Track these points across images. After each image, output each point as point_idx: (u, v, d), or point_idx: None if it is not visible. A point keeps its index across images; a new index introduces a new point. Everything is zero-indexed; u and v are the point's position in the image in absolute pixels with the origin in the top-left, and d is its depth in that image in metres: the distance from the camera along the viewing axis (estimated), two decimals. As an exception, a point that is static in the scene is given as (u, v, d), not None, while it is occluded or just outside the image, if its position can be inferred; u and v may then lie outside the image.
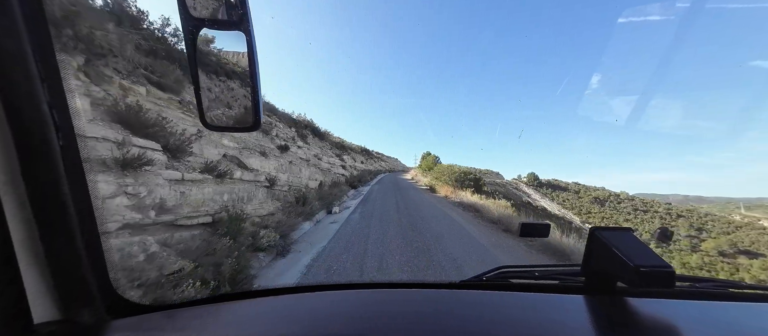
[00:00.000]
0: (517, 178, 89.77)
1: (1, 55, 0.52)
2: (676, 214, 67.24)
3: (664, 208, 71.11)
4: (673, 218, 66.18)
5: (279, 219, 5.69)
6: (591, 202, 75.53)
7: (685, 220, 64.97)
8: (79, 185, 0.65)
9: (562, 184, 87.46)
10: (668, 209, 70.41)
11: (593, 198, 76.83)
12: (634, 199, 77.17)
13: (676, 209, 70.45)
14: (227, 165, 5.37)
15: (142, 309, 0.77)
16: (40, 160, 0.58)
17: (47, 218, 0.60)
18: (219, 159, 5.33)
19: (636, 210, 70.50)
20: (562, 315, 0.75)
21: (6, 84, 0.53)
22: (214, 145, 5.36)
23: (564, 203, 72.48)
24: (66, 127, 0.62)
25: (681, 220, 65.12)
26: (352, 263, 4.41)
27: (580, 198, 78.09)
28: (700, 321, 0.74)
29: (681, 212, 68.85)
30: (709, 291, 0.93)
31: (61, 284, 0.63)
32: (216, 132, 3.02)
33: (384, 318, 0.72)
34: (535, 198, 66.79)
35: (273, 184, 7.00)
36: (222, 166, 5.02)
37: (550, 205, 65.01)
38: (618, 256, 0.75)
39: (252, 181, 5.98)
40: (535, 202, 62.28)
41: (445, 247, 5.68)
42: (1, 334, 0.55)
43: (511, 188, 66.95)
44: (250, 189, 5.85)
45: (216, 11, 0.73)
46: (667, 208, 71.15)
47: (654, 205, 73.43)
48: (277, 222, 5.44)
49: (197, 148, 4.72)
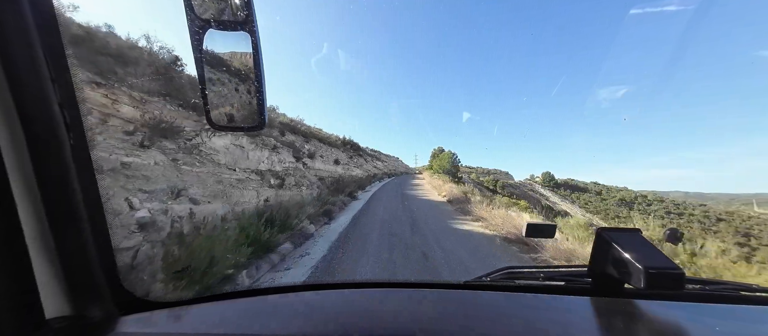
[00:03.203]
0: (530, 178, 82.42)
1: (14, 56, 0.54)
2: (716, 218, 59.41)
3: (701, 210, 63.31)
4: (713, 222, 58.52)
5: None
6: (617, 204, 68.06)
7: (728, 224, 56.97)
8: (89, 183, 0.67)
9: (581, 185, 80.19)
10: (705, 212, 62.58)
11: (619, 200, 69.25)
12: (665, 200, 69.44)
13: (715, 212, 62.51)
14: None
15: (151, 305, 0.79)
16: (52, 159, 0.60)
17: (58, 215, 0.62)
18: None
19: (669, 213, 62.98)
20: (569, 316, 0.74)
21: (18, 84, 0.55)
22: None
23: (587, 206, 65.22)
24: (76, 126, 0.64)
25: (723, 224, 57.16)
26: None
27: (603, 200, 70.58)
28: (711, 324, 0.71)
29: (720, 215, 60.94)
30: (719, 294, 0.92)
31: (71, 280, 0.65)
32: (221, 131, 3.84)
33: (388, 317, 0.72)
34: (554, 201, 59.73)
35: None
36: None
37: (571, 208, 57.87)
38: (626, 258, 0.74)
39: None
40: (556, 205, 55.07)
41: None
42: (14, 328, 0.56)
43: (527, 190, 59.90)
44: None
45: (222, 12, 0.75)
46: (704, 211, 63.29)
47: (688, 207, 65.57)
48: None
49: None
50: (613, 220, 57.31)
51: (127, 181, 4.53)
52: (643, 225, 11.21)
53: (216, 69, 0.84)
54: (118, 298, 0.73)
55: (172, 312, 0.77)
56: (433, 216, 9.31)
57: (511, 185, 57.43)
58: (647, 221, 14.69)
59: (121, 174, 4.55)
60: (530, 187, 66.59)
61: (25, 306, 0.58)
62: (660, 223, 41.17)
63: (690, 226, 57.43)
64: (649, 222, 14.40)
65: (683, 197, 77.97)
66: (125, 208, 3.88)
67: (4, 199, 0.54)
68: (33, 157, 0.57)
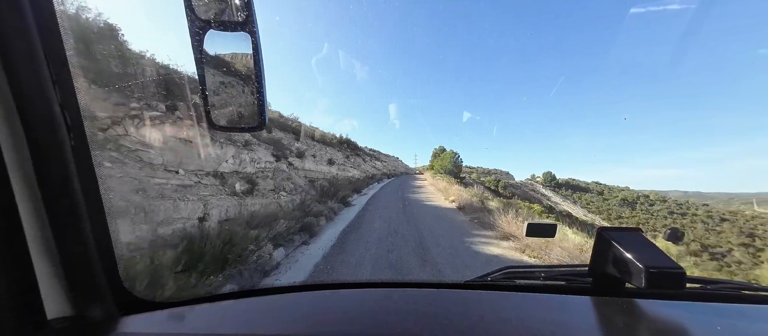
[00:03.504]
0: (531, 177, 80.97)
1: (15, 58, 0.54)
2: (720, 218, 58.28)
3: (704, 210, 62.15)
4: (717, 222, 57.39)
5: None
6: (619, 204, 66.75)
7: (732, 224, 55.92)
8: (90, 183, 0.67)
9: (582, 185, 78.92)
10: (708, 212, 61.47)
11: (621, 200, 67.89)
12: (667, 200, 68.24)
13: (718, 211, 61.38)
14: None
15: (152, 305, 0.79)
16: (53, 159, 0.60)
17: (59, 216, 0.62)
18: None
19: (672, 213, 61.71)
20: (570, 316, 0.73)
21: (19, 86, 0.55)
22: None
23: (589, 206, 63.77)
24: (77, 127, 0.64)
25: (726, 224, 56.07)
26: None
27: (605, 200, 69.22)
28: (712, 323, 0.71)
29: (724, 215, 59.89)
30: (721, 293, 0.91)
31: (72, 280, 0.65)
32: (222, 131, 4.19)
33: (389, 317, 0.72)
34: (556, 201, 58.25)
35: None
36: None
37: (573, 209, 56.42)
38: (626, 257, 0.74)
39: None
40: (557, 205, 53.57)
41: None
42: (16, 329, 0.56)
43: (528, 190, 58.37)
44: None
45: (222, 13, 0.75)
46: (707, 210, 62.16)
47: (691, 206, 64.37)
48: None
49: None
50: (616, 222, 55.88)
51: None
52: (646, 223, 10.00)
53: (216, 69, 0.83)
54: (118, 299, 0.74)
55: (173, 312, 0.77)
56: (445, 232, 6.91)
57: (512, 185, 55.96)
58: (653, 222, 13.34)
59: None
60: (532, 188, 65.16)
61: (27, 306, 0.58)
62: (662, 223, 38.90)
63: (693, 226, 56.22)
64: (655, 223, 13.08)
65: (682, 196, 76.88)
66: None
67: (5, 199, 0.54)
68: (34, 157, 0.58)
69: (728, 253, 38.22)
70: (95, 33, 5.86)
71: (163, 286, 2.66)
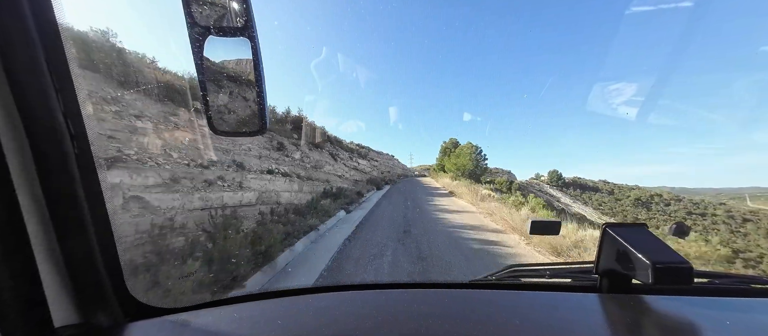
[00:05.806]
0: (536, 177, 77.06)
1: (17, 66, 0.55)
2: (742, 218, 54.32)
3: (723, 210, 58.23)
4: (740, 223, 53.39)
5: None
6: (633, 204, 62.82)
7: (755, 225, 51.96)
8: (94, 191, 0.68)
9: (590, 184, 74.78)
10: (728, 212, 57.56)
11: (634, 200, 63.91)
12: (682, 199, 64.31)
13: (738, 211, 57.47)
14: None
15: (158, 311, 0.80)
16: (57, 167, 0.61)
17: (64, 223, 0.63)
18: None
19: (690, 214, 57.87)
20: (577, 314, 0.73)
21: (22, 94, 0.55)
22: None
23: (601, 207, 59.86)
24: (80, 135, 0.65)
25: (750, 225, 52.14)
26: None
27: (617, 200, 65.27)
28: (721, 318, 0.70)
29: (745, 215, 55.96)
30: (729, 287, 0.90)
31: (78, 288, 0.66)
32: (223, 136, 4.26)
33: (394, 318, 0.73)
34: (567, 203, 54.30)
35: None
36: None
37: (585, 210, 52.45)
38: (633, 253, 0.73)
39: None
40: (569, 207, 49.52)
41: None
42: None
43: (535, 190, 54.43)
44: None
45: (221, 18, 0.76)
46: (727, 210, 58.27)
47: (709, 206, 60.43)
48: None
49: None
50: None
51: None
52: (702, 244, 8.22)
53: (217, 74, 0.82)
54: (125, 305, 0.75)
55: (179, 318, 0.77)
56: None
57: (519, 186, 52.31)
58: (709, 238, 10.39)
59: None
60: (538, 188, 61.54)
61: (35, 315, 0.59)
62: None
63: (716, 228, 52.27)
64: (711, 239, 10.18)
65: (669, 192, 72.90)
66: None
67: (11, 209, 0.55)
68: (38, 167, 0.58)
69: (762, 259, 34.13)
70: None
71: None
